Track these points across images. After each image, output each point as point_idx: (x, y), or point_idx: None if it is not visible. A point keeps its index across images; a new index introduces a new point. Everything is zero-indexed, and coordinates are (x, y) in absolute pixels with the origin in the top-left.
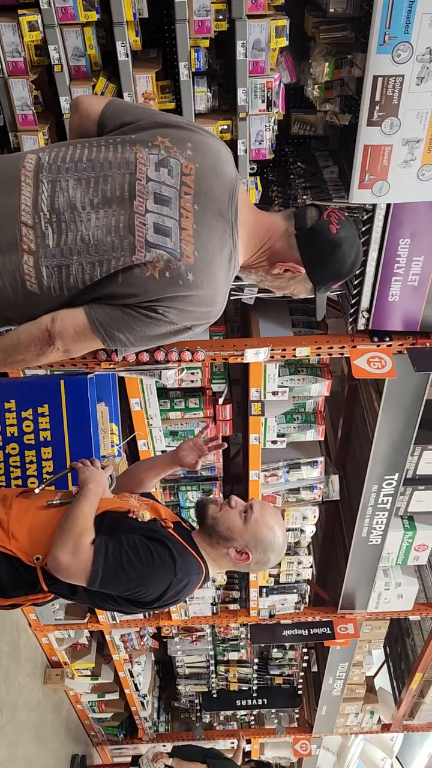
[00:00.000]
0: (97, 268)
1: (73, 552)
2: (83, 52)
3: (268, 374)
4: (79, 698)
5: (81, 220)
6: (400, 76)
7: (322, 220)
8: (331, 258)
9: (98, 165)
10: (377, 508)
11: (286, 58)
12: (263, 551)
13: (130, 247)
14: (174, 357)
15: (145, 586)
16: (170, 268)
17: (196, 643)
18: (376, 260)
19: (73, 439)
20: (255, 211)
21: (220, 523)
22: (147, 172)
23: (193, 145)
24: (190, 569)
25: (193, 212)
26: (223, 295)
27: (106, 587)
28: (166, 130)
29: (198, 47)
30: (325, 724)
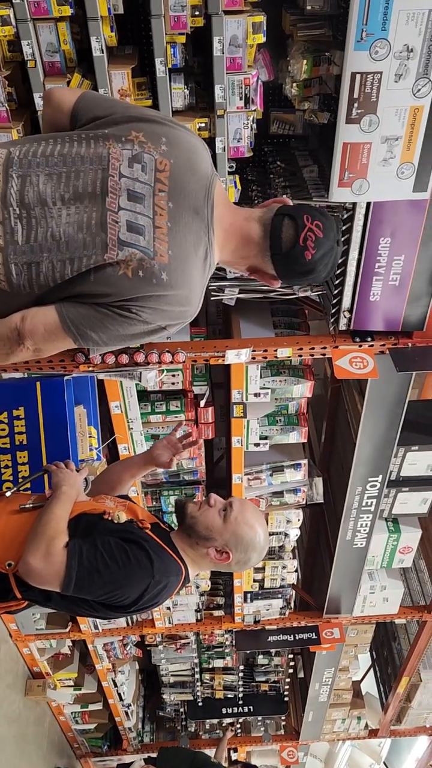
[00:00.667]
0: (68, 266)
1: (46, 556)
2: (57, 47)
3: (249, 376)
4: (62, 709)
5: (51, 216)
6: (378, 73)
7: (298, 246)
8: (305, 278)
9: (70, 160)
10: (361, 511)
11: (264, 55)
12: (244, 550)
13: (102, 245)
14: (154, 359)
15: (122, 589)
16: (143, 267)
17: (180, 651)
18: (357, 260)
19: (50, 443)
20: (231, 209)
21: (199, 522)
22: (120, 168)
23: (167, 140)
24: (169, 570)
25: (167, 210)
26: (199, 294)
27: (81, 592)
28: (140, 125)
29: (174, 43)
30: (312, 731)
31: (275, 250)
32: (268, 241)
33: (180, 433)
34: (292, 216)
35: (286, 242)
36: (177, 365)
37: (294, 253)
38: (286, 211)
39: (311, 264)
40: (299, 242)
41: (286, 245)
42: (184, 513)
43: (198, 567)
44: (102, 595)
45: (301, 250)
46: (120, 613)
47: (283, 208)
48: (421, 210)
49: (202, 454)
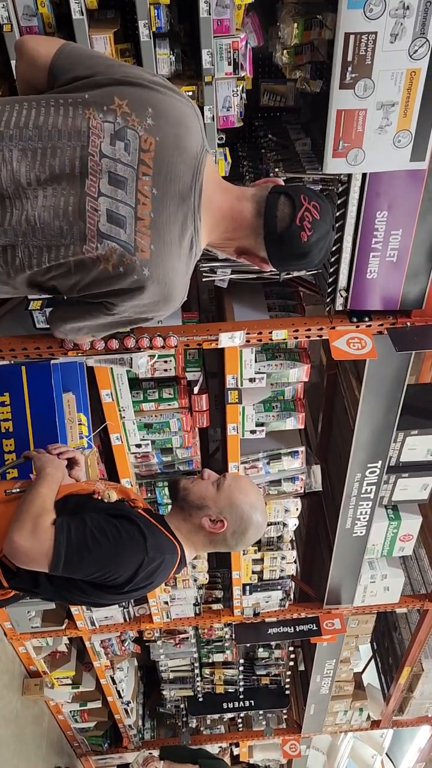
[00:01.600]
0: (44, 253)
1: (32, 533)
2: (35, 11)
3: (244, 360)
4: (60, 708)
5: (27, 198)
6: (372, 33)
7: (294, 226)
8: (298, 262)
9: (46, 133)
10: (361, 498)
11: (253, 19)
12: (239, 518)
13: (81, 235)
14: (145, 343)
15: (114, 566)
16: (124, 262)
17: (179, 646)
18: (353, 235)
19: (37, 430)
20: (223, 189)
21: (191, 492)
22: (101, 146)
23: (154, 111)
24: (163, 548)
25: (151, 197)
26: (183, 287)
27: (71, 570)
28: (124, 89)
29: (158, 4)
30: (314, 724)
31: (269, 230)
32: (261, 220)
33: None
34: (288, 194)
35: (281, 222)
36: (169, 350)
37: (289, 234)
38: (281, 190)
39: (306, 247)
40: (295, 222)
41: (281, 225)
42: (176, 488)
43: (194, 546)
44: (93, 573)
45: (297, 230)
46: (113, 596)
47: (277, 187)
48: (419, 181)
49: (197, 442)
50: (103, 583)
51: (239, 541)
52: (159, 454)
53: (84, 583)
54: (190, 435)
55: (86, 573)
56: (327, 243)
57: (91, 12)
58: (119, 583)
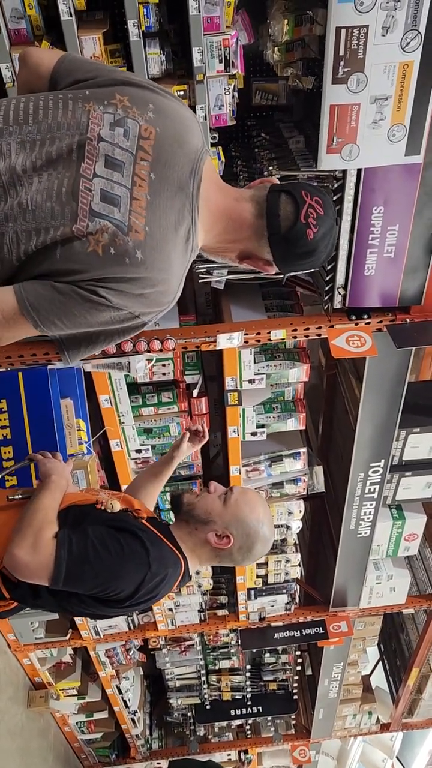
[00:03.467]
0: (33, 237)
1: (33, 547)
2: (23, 13)
3: (243, 361)
4: (67, 720)
5: (21, 185)
6: (364, 26)
7: (300, 224)
8: (303, 261)
9: (45, 127)
10: (364, 498)
11: (243, 16)
12: (246, 534)
13: (72, 215)
14: (142, 347)
15: (116, 581)
16: (116, 243)
17: (185, 653)
18: (350, 232)
19: (36, 436)
20: (221, 189)
21: (197, 506)
22: (99, 132)
23: (155, 107)
24: (167, 561)
25: (148, 181)
26: (178, 278)
27: (72, 584)
28: (125, 88)
29: (147, 3)
30: (323, 729)
31: (273, 230)
32: (264, 220)
33: None
34: (288, 192)
35: (285, 220)
36: (167, 353)
37: (294, 233)
38: (281, 188)
39: (313, 244)
40: (300, 219)
41: (285, 224)
42: (180, 502)
43: (198, 559)
44: (94, 588)
45: (302, 228)
46: (115, 609)
47: (276, 186)
48: (414, 175)
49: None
50: (105, 597)
51: (246, 557)
52: (158, 458)
53: (86, 596)
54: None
55: (87, 588)
56: (332, 238)
57: (79, 13)
58: (121, 598)
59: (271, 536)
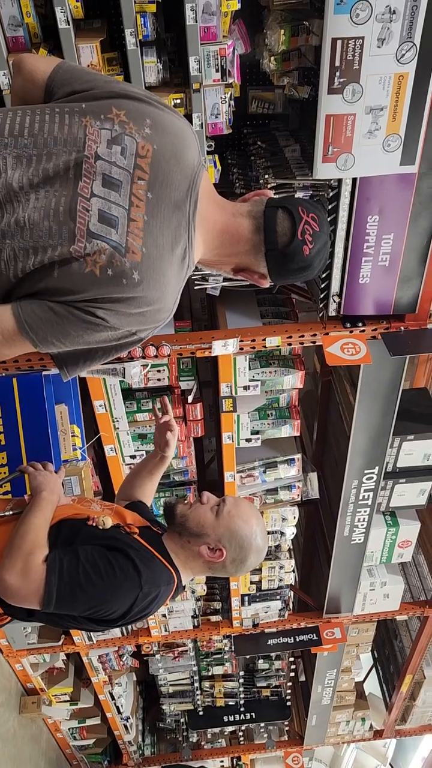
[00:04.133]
0: (31, 256)
1: (23, 573)
2: (20, 21)
3: (238, 368)
4: (59, 726)
5: (19, 201)
6: (359, 38)
7: (297, 240)
8: (298, 276)
9: (41, 141)
10: (358, 505)
11: (240, 26)
12: (239, 546)
13: (70, 235)
14: (138, 353)
15: (107, 603)
16: (113, 264)
17: (178, 659)
18: (345, 240)
19: (30, 442)
20: (218, 205)
21: (189, 518)
22: (97, 149)
23: (152, 122)
24: (159, 580)
25: (145, 201)
26: (173, 296)
27: (63, 608)
28: (122, 102)
29: (144, 12)
30: (316, 735)
31: (270, 246)
32: (262, 236)
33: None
34: (285, 208)
35: (282, 237)
36: (162, 360)
37: (291, 249)
38: (278, 203)
39: (308, 260)
40: (297, 236)
41: (282, 240)
42: (173, 513)
43: (191, 571)
44: (86, 611)
45: (299, 244)
46: (107, 627)
47: (272, 201)
48: (409, 184)
49: (192, 452)
50: (97, 618)
51: (239, 569)
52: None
53: (78, 616)
54: (185, 445)
55: (79, 610)
56: (326, 253)
57: (77, 21)
58: (113, 618)
59: (265, 547)
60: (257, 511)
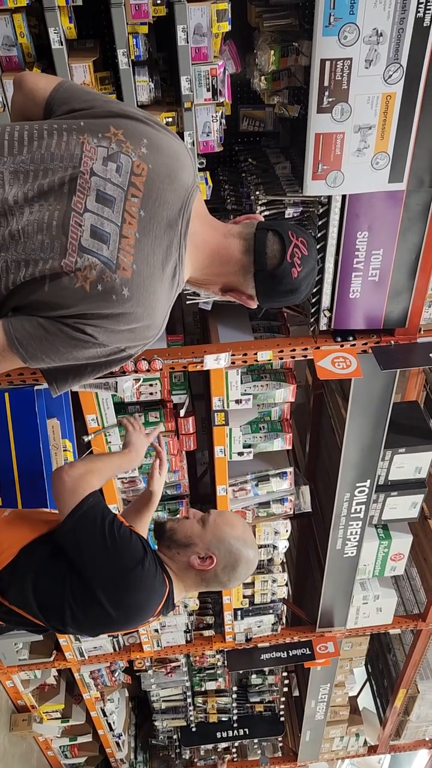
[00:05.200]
0: (22, 268)
1: (76, 480)
2: (14, 41)
3: (230, 382)
4: (50, 744)
5: (13, 215)
6: (348, 59)
7: (286, 263)
8: (286, 299)
9: (39, 157)
10: (350, 518)
11: (230, 46)
12: (228, 551)
13: (61, 249)
14: (130, 367)
15: (111, 555)
16: (103, 280)
17: (170, 675)
18: (335, 256)
19: (22, 456)
20: (210, 225)
21: (177, 531)
22: (92, 166)
23: (149, 142)
24: (156, 575)
25: (138, 218)
26: (163, 314)
27: (80, 530)
28: (120, 121)
29: (136, 33)
30: (310, 751)
31: (259, 267)
32: (251, 257)
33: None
34: (276, 231)
35: (271, 259)
36: (154, 373)
37: (281, 271)
38: (268, 226)
39: (296, 283)
40: (286, 258)
41: (271, 262)
42: (162, 529)
43: (183, 584)
44: (90, 552)
45: (288, 267)
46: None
47: (263, 224)
48: (398, 201)
49: (184, 466)
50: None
51: (231, 577)
52: (146, 479)
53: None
54: (177, 458)
55: (85, 547)
56: (313, 278)
57: (70, 42)
58: (104, 581)
59: (255, 554)
60: (243, 519)
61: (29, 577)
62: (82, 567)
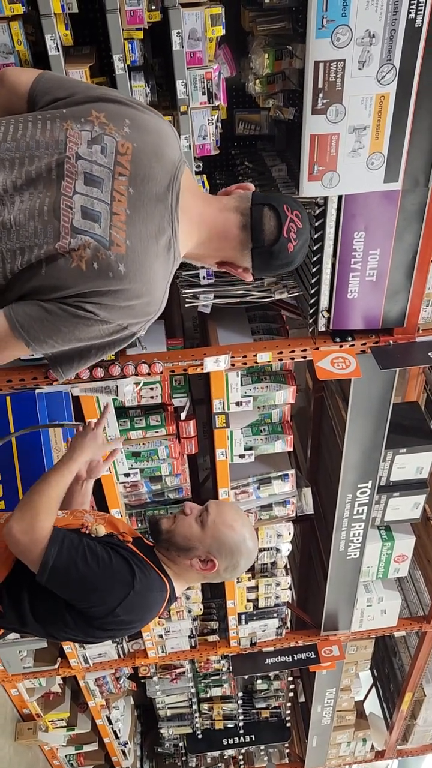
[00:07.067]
0: (18, 256)
1: (29, 532)
2: (11, 48)
3: (230, 384)
4: (56, 753)
5: (4, 205)
6: (341, 60)
7: (282, 239)
8: (281, 270)
9: (24, 144)
10: (353, 520)
11: (225, 51)
12: (229, 554)
13: (54, 233)
14: (130, 371)
15: (97, 592)
16: (98, 258)
17: (175, 681)
18: (332, 256)
19: (23, 460)
20: (202, 198)
21: (175, 533)
22: (77, 150)
23: (131, 122)
24: (152, 585)
25: (127, 196)
26: (162, 287)
27: (55, 584)
28: (102, 105)
29: (132, 39)
30: (317, 757)
31: (257, 243)
32: (249, 233)
33: None
34: (272, 206)
35: (269, 236)
36: (154, 377)
37: (278, 247)
38: (263, 200)
39: (292, 256)
40: (283, 234)
41: (269, 239)
42: (158, 530)
43: (185, 580)
44: (75, 596)
45: (284, 242)
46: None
47: (258, 197)
48: (393, 201)
49: (186, 470)
50: (85, 610)
51: (233, 573)
52: (148, 482)
53: (70, 615)
54: (179, 462)
55: (69, 593)
56: (306, 248)
57: (66, 48)
58: (102, 613)
59: (255, 546)
60: (241, 512)
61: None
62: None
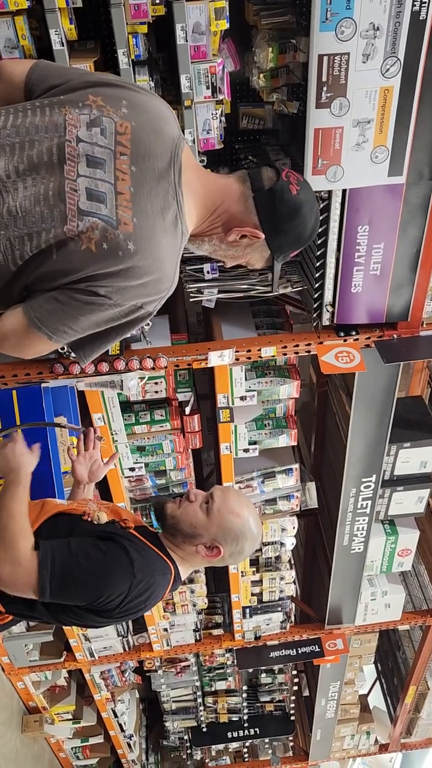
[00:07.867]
0: (26, 242)
1: (13, 563)
2: (16, 43)
3: (234, 378)
4: (62, 745)
5: (8, 191)
6: (345, 54)
7: (281, 180)
8: (291, 222)
9: (23, 130)
10: (357, 514)
11: (229, 45)
12: (235, 541)
13: (61, 217)
14: (135, 365)
15: (101, 591)
16: (107, 238)
17: (180, 674)
18: (336, 250)
19: None
20: (203, 172)
21: (181, 520)
22: (77, 133)
23: (128, 102)
24: (153, 568)
25: (129, 174)
26: (172, 262)
27: (59, 598)
28: (98, 89)
29: (136, 33)
30: (321, 750)
31: (257, 186)
32: (248, 182)
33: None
34: (267, 165)
35: (267, 180)
36: (159, 372)
37: (279, 187)
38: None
39: (297, 201)
40: (282, 177)
41: (268, 182)
42: (164, 514)
43: (190, 564)
44: (82, 601)
45: (284, 184)
46: (107, 618)
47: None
48: (397, 195)
49: (190, 464)
50: (95, 608)
51: (237, 558)
52: (153, 477)
53: (77, 608)
54: (184, 456)
55: (75, 600)
56: (316, 211)
57: (71, 43)
58: (110, 607)
59: (259, 532)
60: (245, 497)
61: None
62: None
